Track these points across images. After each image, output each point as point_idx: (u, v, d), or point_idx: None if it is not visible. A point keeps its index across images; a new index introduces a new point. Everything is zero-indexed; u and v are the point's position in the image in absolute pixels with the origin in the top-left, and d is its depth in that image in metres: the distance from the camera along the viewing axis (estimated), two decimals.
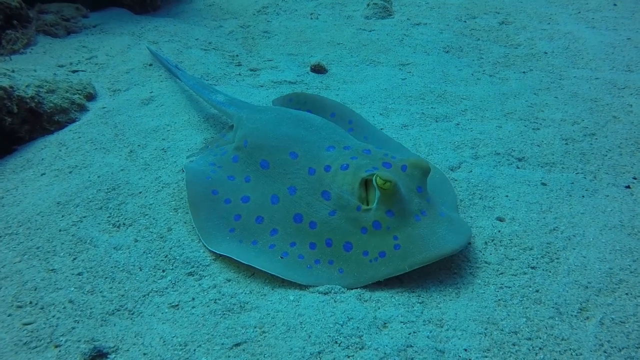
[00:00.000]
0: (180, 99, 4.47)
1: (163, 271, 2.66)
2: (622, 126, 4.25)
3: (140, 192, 3.27)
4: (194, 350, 2.21)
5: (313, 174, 2.89)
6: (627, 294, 2.50)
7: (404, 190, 2.64)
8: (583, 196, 3.32)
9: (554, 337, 2.26)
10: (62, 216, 3.03)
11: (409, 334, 2.27)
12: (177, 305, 2.45)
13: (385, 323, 2.33)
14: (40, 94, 3.93)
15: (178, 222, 3.02)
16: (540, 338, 2.26)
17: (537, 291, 2.50)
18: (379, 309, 2.41)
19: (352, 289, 2.51)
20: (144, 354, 2.19)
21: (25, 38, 5.52)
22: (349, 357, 2.15)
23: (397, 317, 2.35)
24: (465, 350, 2.19)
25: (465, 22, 6.98)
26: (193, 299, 2.48)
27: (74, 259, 2.72)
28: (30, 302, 2.44)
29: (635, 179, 3.57)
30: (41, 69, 4.57)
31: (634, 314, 2.38)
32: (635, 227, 3.00)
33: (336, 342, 2.21)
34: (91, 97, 4.41)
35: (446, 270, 2.67)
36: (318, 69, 5.31)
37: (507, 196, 3.27)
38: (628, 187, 3.47)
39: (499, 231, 2.93)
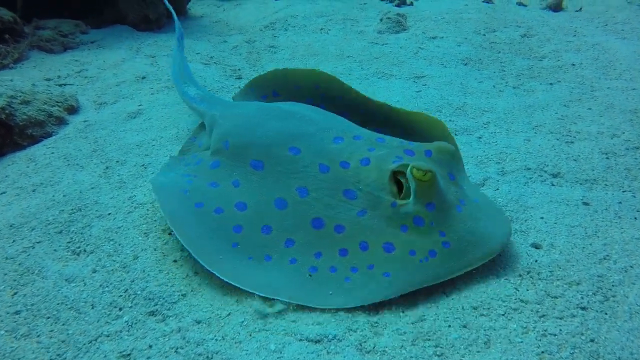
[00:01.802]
0: (170, 112, 4.06)
1: (120, 309, 2.17)
2: None
3: (109, 214, 2.81)
4: None
5: (326, 171, 2.49)
6: None
7: (440, 179, 2.36)
8: (636, 218, 2.76)
9: None
10: (13, 241, 2.58)
11: None
12: (129, 355, 1.94)
13: None
14: (13, 105, 3.54)
15: (147, 248, 2.54)
16: None
17: (592, 340, 1.93)
18: None
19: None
20: None
21: (17, 53, 5.23)
22: None
23: None
24: None
25: (484, 35, 6.52)
26: (150, 346, 1.97)
27: (15, 293, 2.24)
28: None
29: None
30: (20, 80, 4.22)
31: None
32: None
33: None
34: (73, 109, 4.02)
35: (470, 309, 2.13)
36: None
37: (542, 218, 2.72)
38: None
39: (536, 261, 2.38)
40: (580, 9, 7.91)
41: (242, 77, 5.01)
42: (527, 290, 2.19)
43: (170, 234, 2.67)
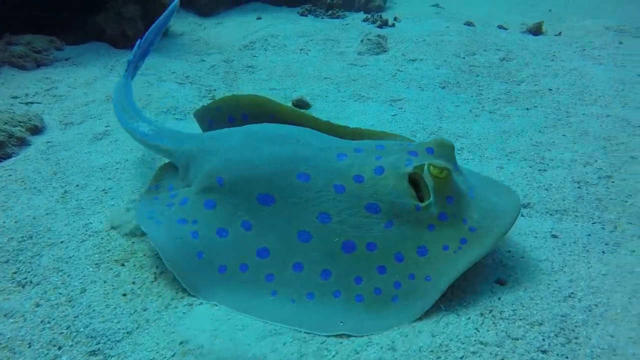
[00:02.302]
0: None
1: (59, 348, 2.05)
2: None
3: (61, 242, 2.70)
4: None
5: (343, 191, 2.43)
6: None
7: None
8: (603, 252, 2.70)
9: None
10: None
11: None
12: None
13: None
14: None
15: (97, 280, 2.42)
16: None
17: None
18: None
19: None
20: None
21: None
22: None
23: None
24: None
25: (463, 58, 6.53)
26: None
27: None
28: None
29: None
30: None
31: None
32: None
33: None
34: (37, 130, 3.90)
35: (427, 352, 2.03)
36: (300, 105, 4.81)
37: (509, 251, 2.65)
38: None
39: (499, 298, 2.30)
40: (560, 33, 8.00)
41: (215, 97, 4.94)
42: (488, 330, 2.10)
43: (123, 265, 2.55)
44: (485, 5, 11.30)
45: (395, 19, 8.38)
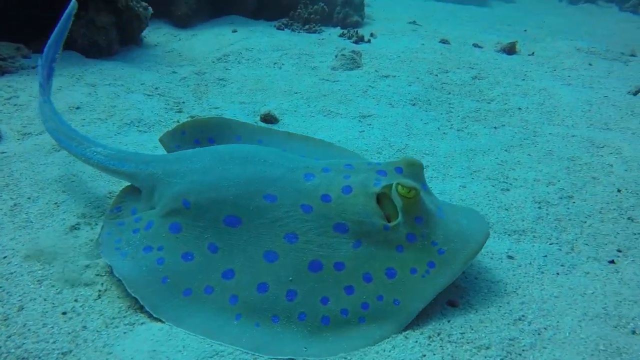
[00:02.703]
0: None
1: None
2: (602, 188, 3.70)
3: (4, 257, 2.59)
4: None
5: (310, 211, 2.42)
6: None
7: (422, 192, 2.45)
8: (558, 273, 2.70)
9: None
10: None
11: None
12: None
13: None
14: None
15: (36, 298, 2.33)
16: None
17: None
18: None
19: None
20: None
21: None
22: None
23: None
24: None
25: (436, 75, 6.59)
26: None
27: None
28: None
29: (620, 251, 2.97)
30: None
31: None
32: (623, 317, 2.36)
33: None
34: None
35: None
36: (268, 119, 4.77)
37: (463, 272, 2.63)
38: (612, 262, 2.86)
39: (449, 321, 2.26)
40: (533, 53, 8.14)
41: (182, 110, 4.87)
42: (434, 354, 2.06)
43: (67, 282, 2.46)
44: (462, 24, 11.49)
45: (371, 35, 8.45)
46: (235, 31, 7.99)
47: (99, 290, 2.43)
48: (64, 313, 2.27)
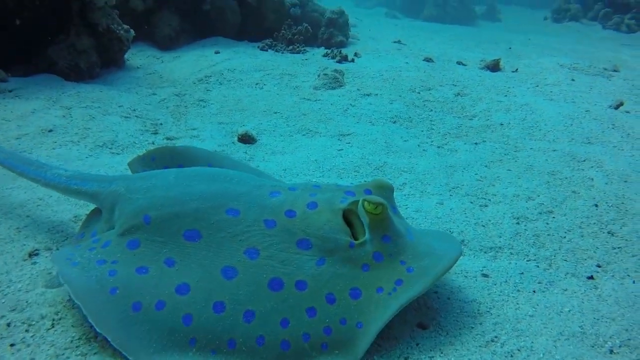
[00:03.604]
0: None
1: None
2: (582, 202, 3.63)
3: None
4: None
5: (273, 226, 2.32)
6: None
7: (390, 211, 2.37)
8: (534, 291, 2.60)
9: None
10: None
11: None
12: None
13: None
14: None
15: None
16: None
17: None
18: None
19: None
20: None
21: None
22: None
23: None
24: None
25: (419, 93, 6.58)
26: None
27: None
28: None
29: (599, 266, 2.89)
30: None
31: None
32: (600, 336, 2.26)
33: None
34: None
35: None
36: (246, 139, 4.71)
37: (436, 292, 2.53)
38: (591, 277, 2.78)
39: (418, 344, 2.16)
40: (517, 70, 8.17)
41: (158, 132, 4.80)
42: None
43: (20, 312, 2.34)
44: (447, 43, 11.58)
45: (355, 54, 8.46)
46: (218, 52, 7.98)
47: (53, 319, 2.31)
48: (11, 345, 2.14)
